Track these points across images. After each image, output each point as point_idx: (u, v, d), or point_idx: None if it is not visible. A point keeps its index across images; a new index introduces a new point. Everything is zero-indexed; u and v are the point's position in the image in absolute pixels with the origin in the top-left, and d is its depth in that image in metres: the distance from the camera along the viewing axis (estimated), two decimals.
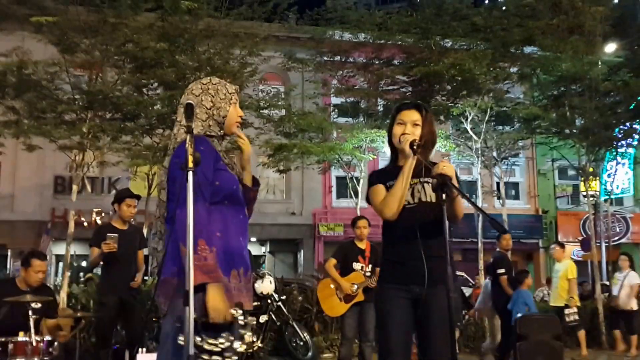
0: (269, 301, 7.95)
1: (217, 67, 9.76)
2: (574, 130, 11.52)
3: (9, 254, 17.57)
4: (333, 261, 6.35)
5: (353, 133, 11.73)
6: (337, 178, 19.24)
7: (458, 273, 15.97)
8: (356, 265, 6.26)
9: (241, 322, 2.27)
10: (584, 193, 13.53)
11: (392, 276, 2.79)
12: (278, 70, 16.10)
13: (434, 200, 2.79)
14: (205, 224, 2.24)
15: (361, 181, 13.58)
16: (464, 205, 2.71)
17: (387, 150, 3.14)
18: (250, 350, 6.84)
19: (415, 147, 2.73)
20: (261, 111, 11.16)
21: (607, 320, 10.01)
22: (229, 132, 2.49)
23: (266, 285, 7.81)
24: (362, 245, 6.28)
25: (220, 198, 2.35)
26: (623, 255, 9.60)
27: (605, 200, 15.95)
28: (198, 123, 2.43)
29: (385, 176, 2.89)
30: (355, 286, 6.14)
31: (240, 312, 2.27)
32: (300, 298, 9.28)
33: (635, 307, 9.13)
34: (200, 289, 2.19)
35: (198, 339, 2.16)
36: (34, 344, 4.20)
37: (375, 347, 5.89)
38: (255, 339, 7.29)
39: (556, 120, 11.53)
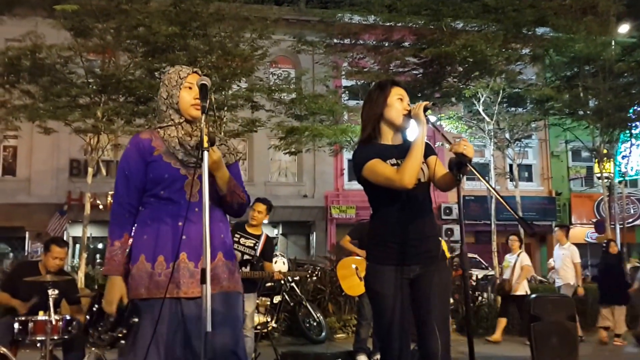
0: (282, 282, 8.05)
1: (228, 51, 9.81)
2: (588, 112, 11.45)
3: (27, 235, 17.87)
4: (348, 238, 6.35)
5: None
6: (349, 160, 19.27)
7: (470, 255, 16.04)
8: None
9: (131, 321, 2.34)
10: (598, 175, 13.46)
11: (394, 257, 2.73)
12: (288, 53, 16.09)
13: (427, 180, 2.78)
14: (115, 217, 2.44)
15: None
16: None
17: None
18: (265, 331, 6.94)
19: (427, 112, 2.68)
20: (272, 94, 11.19)
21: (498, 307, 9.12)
22: (189, 116, 2.50)
23: (279, 267, 7.91)
24: None
25: (158, 189, 2.43)
26: (513, 236, 8.64)
27: (620, 182, 15.83)
28: (161, 115, 2.56)
29: (377, 152, 2.77)
30: None
31: (125, 308, 2.35)
32: (313, 279, 9.38)
33: (528, 291, 8.30)
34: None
35: (98, 326, 2.38)
36: (54, 322, 4.31)
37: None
38: (269, 319, 7.41)
39: (569, 102, 11.45)
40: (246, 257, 5.34)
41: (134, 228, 2.46)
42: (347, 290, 6.59)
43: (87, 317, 2.44)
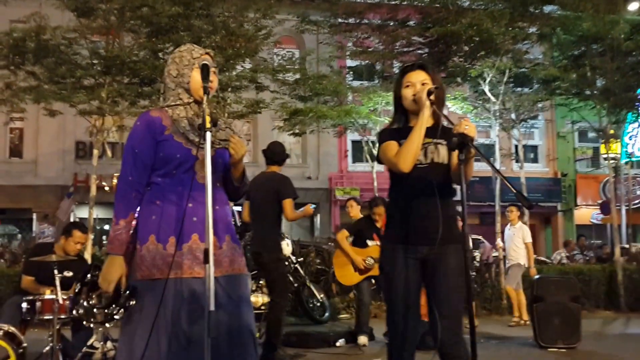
0: (287, 263, 8.09)
1: (232, 31, 9.75)
2: (595, 92, 11.33)
3: (34, 217, 18.03)
4: (345, 233, 6.42)
5: (369, 96, 11.67)
6: (353, 142, 19.25)
7: (475, 236, 16.03)
8: (370, 243, 6.29)
9: (129, 303, 2.34)
10: (605, 156, 13.37)
11: (401, 236, 2.76)
12: (292, 34, 15.98)
13: (445, 161, 2.77)
14: (122, 195, 2.39)
15: (376, 145, 13.49)
16: (474, 168, 2.70)
17: None
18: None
19: (432, 95, 2.68)
20: (276, 75, 11.14)
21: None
22: (199, 97, 2.47)
23: (283, 248, 7.93)
24: (379, 224, 6.29)
25: (168, 168, 2.41)
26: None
27: (626, 163, 15.77)
28: (169, 93, 2.51)
29: (397, 134, 2.83)
30: (371, 260, 6.16)
31: (128, 293, 2.33)
32: (317, 260, 9.43)
33: None
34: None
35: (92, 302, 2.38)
36: (61, 302, 4.36)
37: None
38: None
39: (576, 81, 11.32)
40: None
41: (138, 208, 2.44)
42: (340, 278, 6.60)
43: (77, 286, 2.45)
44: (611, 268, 10.43)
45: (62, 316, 4.39)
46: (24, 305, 4.42)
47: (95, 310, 2.34)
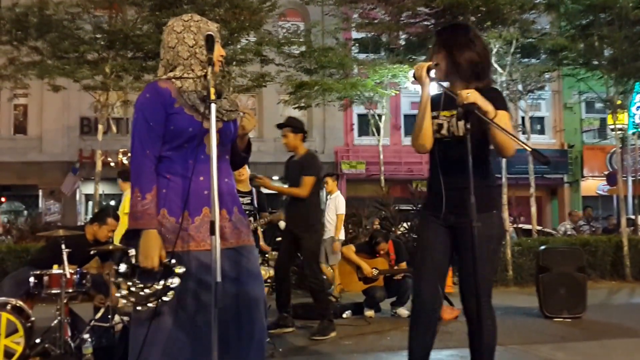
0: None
1: (236, 3, 9.63)
2: (602, 61, 11.19)
3: (40, 193, 18.13)
4: (352, 247, 6.66)
5: (374, 69, 11.54)
6: (359, 115, 19.16)
7: None
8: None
9: (179, 270, 2.26)
10: (611, 126, 13.28)
11: (432, 205, 2.89)
12: (297, 6, 15.81)
13: (460, 134, 2.76)
14: (143, 170, 2.32)
15: (383, 118, 13.45)
16: (505, 138, 2.64)
17: (409, 85, 3.08)
18: (274, 284, 7.07)
19: (430, 72, 2.71)
20: (281, 48, 11.04)
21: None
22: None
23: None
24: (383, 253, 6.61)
25: (179, 141, 2.37)
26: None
27: (633, 134, 15.64)
28: (179, 61, 2.42)
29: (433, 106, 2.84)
30: (377, 271, 6.41)
31: (174, 261, 2.27)
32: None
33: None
34: (137, 234, 2.30)
35: (129, 283, 2.25)
36: (68, 276, 4.40)
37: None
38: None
39: (584, 51, 11.17)
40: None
41: None
42: (343, 283, 6.82)
43: (117, 278, 2.29)
44: (617, 239, 10.43)
45: (70, 290, 4.43)
46: (31, 279, 4.45)
47: (144, 291, 2.25)
